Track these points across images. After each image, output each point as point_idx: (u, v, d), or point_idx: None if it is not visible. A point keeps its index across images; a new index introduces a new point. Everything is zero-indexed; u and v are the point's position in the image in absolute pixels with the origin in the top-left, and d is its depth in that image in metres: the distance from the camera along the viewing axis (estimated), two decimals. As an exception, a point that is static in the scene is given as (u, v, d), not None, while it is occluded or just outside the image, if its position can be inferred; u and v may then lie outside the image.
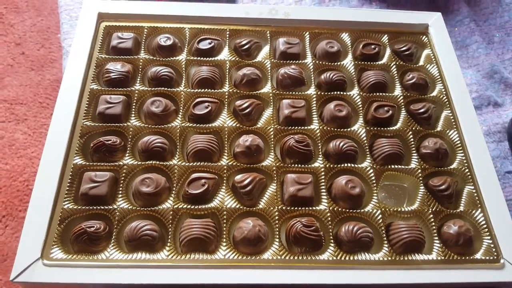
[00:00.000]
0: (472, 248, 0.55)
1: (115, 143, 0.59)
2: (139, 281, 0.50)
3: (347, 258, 0.53)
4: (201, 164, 0.59)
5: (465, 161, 0.62)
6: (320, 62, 0.70)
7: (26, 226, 0.53)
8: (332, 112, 0.64)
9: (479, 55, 0.82)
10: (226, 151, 0.61)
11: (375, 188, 0.59)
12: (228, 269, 0.51)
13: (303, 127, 0.63)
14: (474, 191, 0.60)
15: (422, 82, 0.69)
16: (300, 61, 0.71)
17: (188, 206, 0.56)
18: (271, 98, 0.66)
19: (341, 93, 0.68)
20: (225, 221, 0.55)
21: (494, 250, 0.55)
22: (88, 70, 0.67)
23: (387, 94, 0.68)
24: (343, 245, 0.54)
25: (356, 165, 0.60)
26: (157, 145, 0.59)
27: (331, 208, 0.57)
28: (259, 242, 0.53)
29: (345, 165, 0.60)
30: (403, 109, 0.67)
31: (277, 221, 0.55)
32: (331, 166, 0.60)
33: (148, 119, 0.63)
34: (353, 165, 0.60)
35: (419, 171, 0.61)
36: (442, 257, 0.54)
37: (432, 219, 0.57)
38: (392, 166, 0.61)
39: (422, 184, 0.60)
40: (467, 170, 0.61)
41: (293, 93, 0.67)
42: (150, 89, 0.66)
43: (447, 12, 0.86)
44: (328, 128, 0.64)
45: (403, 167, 0.61)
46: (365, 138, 0.63)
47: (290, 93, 0.67)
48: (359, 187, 0.57)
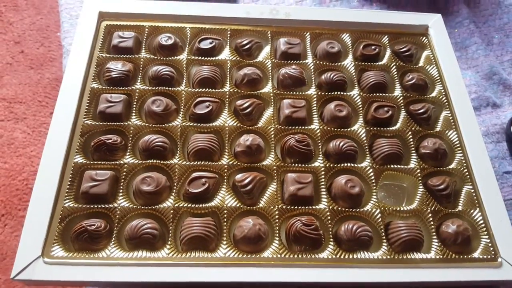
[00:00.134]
0: (470, 247, 0.56)
1: (116, 142, 0.59)
2: (139, 279, 0.50)
3: (346, 256, 0.53)
4: (202, 163, 0.59)
5: (463, 161, 0.62)
6: (321, 63, 0.71)
7: (26, 224, 0.53)
8: (332, 112, 0.64)
9: (478, 56, 0.82)
10: (226, 150, 0.61)
11: (374, 187, 0.59)
12: (228, 267, 0.52)
13: (303, 127, 0.64)
14: (472, 191, 0.60)
15: (422, 82, 0.69)
16: (301, 61, 0.71)
17: (189, 205, 0.56)
18: (271, 98, 0.66)
19: (342, 93, 0.68)
20: (225, 220, 0.55)
21: (491, 249, 0.55)
22: (89, 69, 0.67)
23: (387, 95, 0.68)
24: (342, 243, 0.54)
25: (355, 165, 0.61)
26: (157, 144, 0.59)
27: (330, 207, 0.57)
28: (259, 241, 0.53)
29: (345, 164, 0.61)
30: (403, 109, 0.67)
31: (277, 220, 0.56)
32: (331, 165, 0.60)
33: (148, 118, 0.63)
34: (353, 164, 0.61)
35: (418, 171, 0.61)
36: (441, 256, 0.54)
37: (431, 218, 0.57)
38: (392, 166, 0.61)
39: (421, 184, 0.60)
40: (465, 170, 0.62)
41: (294, 93, 0.67)
42: (151, 88, 0.66)
43: (447, 13, 0.86)
44: (328, 128, 0.64)
45: (402, 167, 0.61)
46: (365, 138, 0.63)
47: (291, 93, 0.67)
48: (358, 186, 0.58)
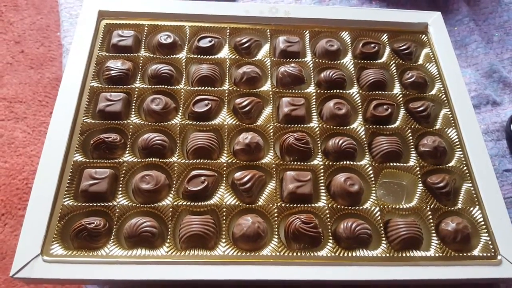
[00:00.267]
0: (469, 245, 0.56)
1: (115, 141, 0.59)
2: (138, 277, 0.50)
3: (345, 254, 0.53)
4: (201, 161, 0.59)
5: (463, 159, 0.62)
6: (320, 61, 0.71)
7: (26, 222, 0.53)
8: (332, 110, 0.64)
9: (478, 54, 0.82)
10: (225, 148, 0.61)
11: (373, 185, 0.59)
12: (227, 265, 0.52)
13: (302, 125, 0.64)
14: (472, 188, 0.60)
15: (421, 80, 0.69)
16: (300, 59, 0.71)
17: (188, 203, 0.56)
18: (270, 96, 0.66)
19: (341, 91, 0.68)
20: (224, 218, 0.55)
21: (491, 247, 0.55)
22: (89, 68, 0.67)
23: (386, 93, 0.68)
24: (341, 241, 0.54)
25: (355, 163, 0.61)
26: (157, 143, 0.59)
27: (330, 205, 0.57)
28: (258, 239, 0.53)
29: (344, 162, 0.61)
30: (402, 107, 0.67)
31: (276, 218, 0.56)
32: (330, 163, 0.60)
33: (148, 117, 0.63)
34: (352, 162, 0.61)
35: (417, 168, 0.61)
36: (440, 254, 0.54)
37: (430, 216, 0.57)
38: (391, 164, 0.61)
39: (420, 182, 0.60)
40: (465, 168, 0.62)
41: (293, 91, 0.67)
42: (150, 87, 0.66)
43: (446, 11, 0.86)
44: (328, 126, 0.64)
45: (401, 164, 0.61)
46: (364, 136, 0.63)
47: (290, 91, 0.67)
48: (357, 184, 0.58)
